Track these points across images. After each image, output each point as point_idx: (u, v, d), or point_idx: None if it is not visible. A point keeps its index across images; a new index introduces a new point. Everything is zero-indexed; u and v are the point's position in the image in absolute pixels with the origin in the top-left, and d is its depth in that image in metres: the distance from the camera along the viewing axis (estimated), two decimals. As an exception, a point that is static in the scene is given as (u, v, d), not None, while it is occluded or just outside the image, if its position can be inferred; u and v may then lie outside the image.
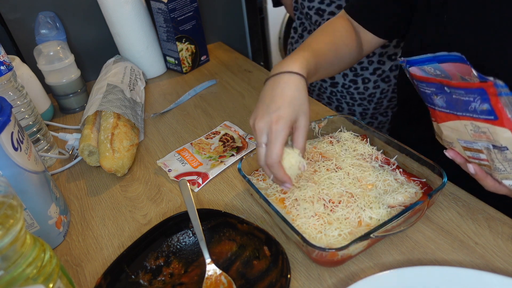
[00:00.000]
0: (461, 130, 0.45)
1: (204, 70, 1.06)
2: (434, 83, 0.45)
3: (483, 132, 0.43)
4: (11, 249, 0.33)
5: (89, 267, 0.54)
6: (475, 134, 0.44)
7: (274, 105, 0.50)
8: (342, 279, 0.48)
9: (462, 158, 0.50)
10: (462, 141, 0.47)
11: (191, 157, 0.71)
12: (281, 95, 0.51)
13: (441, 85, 0.44)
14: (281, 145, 0.49)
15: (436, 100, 0.46)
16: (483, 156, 0.46)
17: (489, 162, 0.46)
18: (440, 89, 0.44)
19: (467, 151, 0.48)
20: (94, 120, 0.75)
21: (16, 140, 0.49)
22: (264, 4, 2.03)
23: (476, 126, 0.43)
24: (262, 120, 0.50)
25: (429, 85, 0.46)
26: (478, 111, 0.41)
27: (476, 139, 0.45)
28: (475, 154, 0.47)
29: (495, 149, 0.43)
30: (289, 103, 0.50)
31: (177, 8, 0.94)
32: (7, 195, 0.34)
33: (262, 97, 0.53)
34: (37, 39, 0.92)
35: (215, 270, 0.49)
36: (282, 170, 0.50)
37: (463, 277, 0.44)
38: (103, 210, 0.63)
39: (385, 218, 0.50)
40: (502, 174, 0.46)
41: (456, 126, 0.46)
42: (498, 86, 0.38)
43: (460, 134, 0.46)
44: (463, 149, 0.48)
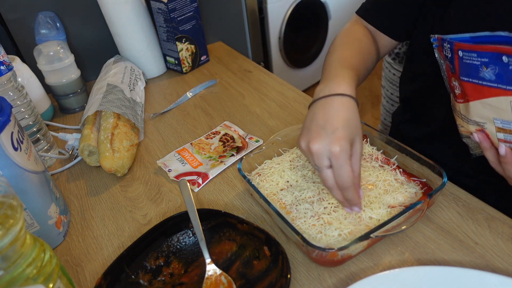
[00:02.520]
0: (504, 107, 0.43)
1: (204, 70, 1.06)
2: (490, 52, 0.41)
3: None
4: (11, 249, 0.33)
5: (89, 267, 0.54)
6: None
7: (330, 126, 0.47)
8: (342, 279, 0.48)
9: (489, 142, 0.48)
10: (499, 120, 0.44)
11: (191, 157, 0.71)
12: (336, 116, 0.48)
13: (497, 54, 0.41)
14: (350, 167, 0.46)
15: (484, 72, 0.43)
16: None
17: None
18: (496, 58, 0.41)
19: (500, 133, 0.45)
20: (94, 120, 0.75)
21: (16, 140, 0.49)
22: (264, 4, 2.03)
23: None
24: (320, 142, 0.47)
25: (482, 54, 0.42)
26: None
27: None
28: (508, 137, 0.45)
29: None
30: (346, 125, 0.48)
31: (177, 8, 0.94)
32: (7, 195, 0.34)
33: (313, 118, 0.50)
34: (37, 39, 0.92)
35: (215, 270, 0.49)
36: (356, 193, 0.48)
37: (463, 277, 0.44)
38: (103, 210, 0.63)
39: (385, 218, 0.50)
40: None
41: (499, 103, 0.43)
42: None
43: (500, 112, 0.44)
44: (496, 130, 0.46)
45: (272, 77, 0.97)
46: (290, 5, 2.16)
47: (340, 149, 0.46)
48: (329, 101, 0.50)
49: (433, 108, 0.68)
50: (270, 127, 0.79)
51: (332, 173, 0.48)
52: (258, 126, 0.79)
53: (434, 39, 0.48)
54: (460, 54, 0.46)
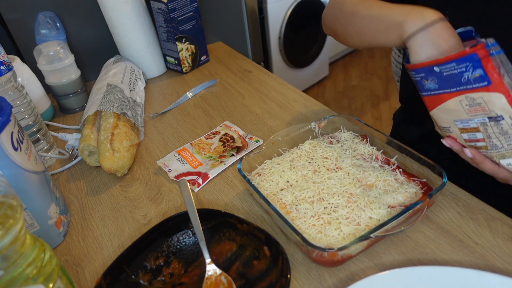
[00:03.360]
0: (457, 108, 0.46)
1: (204, 70, 1.06)
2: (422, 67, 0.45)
3: (478, 103, 0.43)
4: (11, 249, 0.33)
5: (89, 267, 0.54)
6: (470, 109, 0.44)
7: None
8: (342, 279, 0.48)
9: (460, 145, 0.50)
10: (459, 121, 0.47)
11: (191, 157, 0.71)
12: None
13: (429, 68, 0.44)
14: None
15: (427, 84, 0.47)
16: (480, 136, 0.46)
17: (486, 141, 0.46)
18: (429, 71, 0.45)
19: (464, 134, 0.48)
20: (94, 120, 0.75)
21: (16, 140, 0.49)
22: (264, 4, 2.03)
23: (471, 98, 0.43)
24: None
25: (418, 71, 0.46)
26: (471, 80, 0.42)
27: (472, 115, 0.45)
28: (471, 136, 0.47)
29: (491, 121, 0.44)
30: None
31: (177, 8, 0.94)
32: (7, 195, 0.34)
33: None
34: (37, 39, 0.92)
35: (215, 270, 0.49)
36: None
37: (463, 277, 0.44)
38: (103, 210, 0.63)
39: (385, 218, 0.49)
40: (499, 153, 0.46)
41: (452, 106, 0.46)
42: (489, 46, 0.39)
43: (455, 114, 0.47)
44: (459, 131, 0.48)
45: (272, 77, 0.97)
46: (290, 5, 2.17)
47: None
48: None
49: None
50: (270, 127, 0.79)
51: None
52: (258, 126, 0.79)
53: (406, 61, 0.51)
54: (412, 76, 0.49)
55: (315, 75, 2.72)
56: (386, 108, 2.47)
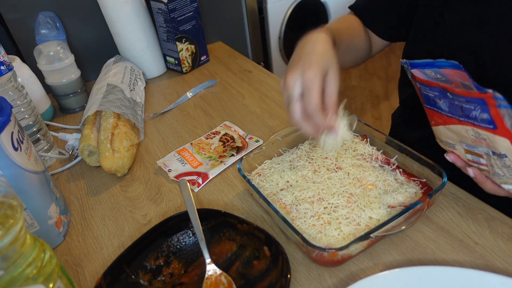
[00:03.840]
0: (463, 134, 0.46)
1: (204, 70, 1.06)
2: (438, 87, 0.45)
3: (483, 138, 0.43)
4: (11, 249, 0.33)
5: (89, 267, 0.54)
6: (475, 139, 0.44)
7: (305, 58, 0.49)
8: (342, 279, 0.48)
9: (463, 161, 0.50)
10: (464, 144, 0.47)
11: (191, 157, 0.71)
12: (311, 51, 0.51)
13: (444, 90, 0.44)
14: (318, 91, 0.47)
15: (439, 103, 0.46)
16: (483, 161, 0.46)
17: (488, 167, 0.46)
18: (443, 94, 0.44)
19: (468, 154, 0.48)
20: (94, 120, 0.75)
21: (16, 140, 0.49)
22: (264, 4, 2.03)
23: (477, 132, 0.43)
24: (294, 72, 0.49)
25: (432, 89, 0.46)
26: (478, 119, 0.42)
27: (477, 144, 0.45)
28: (475, 158, 0.47)
29: (494, 155, 0.44)
30: (320, 57, 0.49)
31: (177, 8, 0.94)
32: (7, 195, 0.34)
33: (293, 57, 0.53)
34: (37, 39, 0.92)
35: (215, 270, 0.49)
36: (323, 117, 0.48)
37: (463, 277, 0.44)
38: (103, 210, 0.63)
39: (385, 218, 0.50)
40: (501, 179, 0.46)
41: (459, 130, 0.46)
42: (497, 99, 0.39)
43: (462, 137, 0.47)
44: (464, 152, 0.48)
45: (272, 77, 0.97)
46: (290, 5, 2.16)
47: (309, 74, 0.47)
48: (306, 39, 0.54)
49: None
50: (270, 127, 0.79)
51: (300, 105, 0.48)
52: (258, 126, 0.79)
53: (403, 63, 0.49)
54: (418, 85, 0.48)
55: (315, 75, 2.72)
56: (386, 108, 2.46)
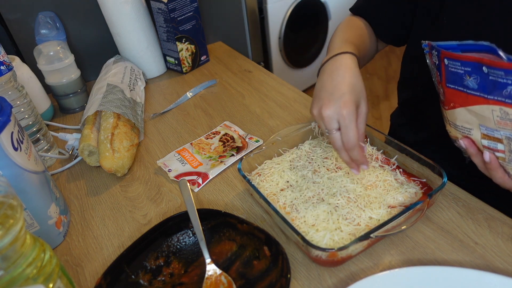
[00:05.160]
0: (486, 115, 0.44)
1: (204, 70, 1.06)
2: (472, 61, 0.43)
3: (511, 119, 0.42)
4: (11, 249, 0.33)
5: (89, 267, 0.54)
6: (500, 121, 0.43)
7: (338, 92, 0.52)
8: (342, 279, 0.48)
9: (475, 148, 0.49)
10: (484, 127, 0.46)
11: (191, 157, 0.71)
12: (342, 82, 0.53)
13: (479, 64, 0.42)
14: (356, 129, 0.51)
15: (467, 81, 0.45)
16: (501, 147, 0.45)
17: (505, 154, 0.45)
18: (477, 68, 0.43)
19: (485, 140, 0.47)
20: (94, 120, 0.75)
21: (16, 140, 0.49)
22: (264, 4, 2.03)
23: (505, 112, 0.42)
24: (330, 107, 0.52)
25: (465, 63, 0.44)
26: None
27: (500, 127, 0.44)
28: (492, 144, 0.46)
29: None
30: (351, 90, 0.52)
31: (177, 8, 0.94)
32: (7, 195, 0.34)
33: (322, 85, 0.55)
34: (37, 39, 0.92)
35: (215, 270, 0.49)
36: (362, 152, 0.53)
37: (463, 277, 0.44)
38: (103, 210, 0.63)
39: (385, 218, 0.50)
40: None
41: (482, 111, 0.45)
42: None
43: (484, 120, 0.45)
44: (481, 137, 0.47)
45: (272, 77, 0.97)
46: (290, 5, 2.16)
47: (347, 111, 0.51)
48: (335, 63, 0.56)
49: (429, 112, 0.68)
50: (270, 127, 0.79)
51: (340, 136, 0.53)
52: (258, 126, 0.79)
53: (425, 45, 0.49)
54: (446, 62, 0.47)
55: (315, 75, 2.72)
56: (386, 108, 2.47)
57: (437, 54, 0.48)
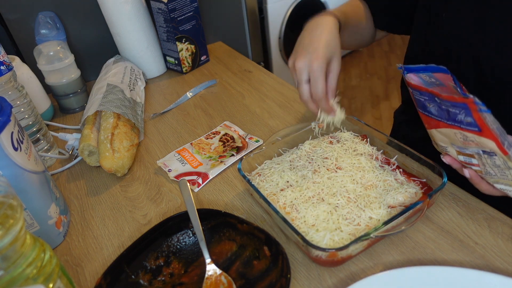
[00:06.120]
0: (453, 137, 0.47)
1: (204, 70, 1.06)
2: (427, 92, 0.46)
3: (471, 140, 0.45)
4: (11, 249, 0.33)
5: (89, 267, 0.54)
6: (464, 141, 0.46)
7: (312, 46, 0.56)
8: (342, 279, 0.48)
9: (458, 163, 0.51)
10: (455, 146, 0.48)
11: (191, 157, 0.71)
12: (318, 38, 0.57)
13: (432, 95, 0.46)
14: (323, 81, 0.55)
15: (429, 108, 0.48)
16: (475, 161, 0.47)
17: (480, 167, 0.47)
18: (432, 98, 0.46)
19: (460, 156, 0.49)
20: (94, 120, 0.75)
21: (16, 140, 0.49)
22: (264, 4, 2.03)
23: (464, 135, 0.45)
24: (302, 59, 0.56)
25: (423, 94, 0.48)
26: (464, 123, 0.44)
27: (467, 146, 0.46)
28: (467, 159, 0.48)
29: (485, 154, 0.45)
30: (325, 45, 0.56)
31: (177, 8, 0.94)
32: (7, 195, 0.34)
33: (301, 40, 0.59)
34: (37, 39, 0.92)
35: (215, 270, 0.49)
36: (328, 102, 0.57)
37: (463, 277, 0.44)
38: (103, 210, 0.63)
39: (385, 218, 0.50)
40: (493, 179, 0.47)
41: (448, 133, 0.47)
42: (477, 104, 0.41)
43: (453, 140, 0.48)
44: (456, 153, 0.49)
45: (272, 77, 0.97)
46: (290, 5, 2.16)
47: (317, 64, 0.54)
48: (315, 22, 0.60)
49: None
50: (270, 127, 0.79)
51: (308, 88, 0.57)
52: (258, 126, 0.79)
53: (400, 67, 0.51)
54: (410, 90, 0.50)
55: (315, 75, 2.72)
56: (386, 108, 2.46)
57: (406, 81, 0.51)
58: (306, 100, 0.58)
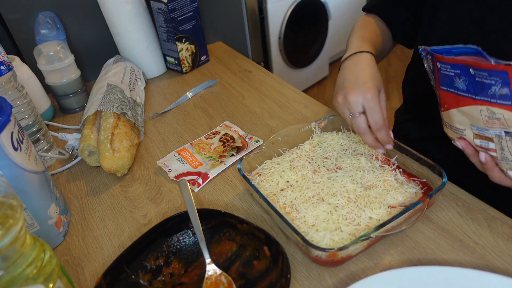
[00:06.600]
0: (476, 116, 0.46)
1: (204, 70, 1.06)
2: (460, 64, 0.46)
3: (498, 118, 0.44)
4: (11, 249, 0.33)
5: (89, 267, 0.54)
6: (488, 120, 0.45)
7: (360, 80, 0.56)
8: (342, 279, 0.48)
9: (472, 148, 0.50)
10: (475, 127, 0.48)
11: (191, 157, 0.71)
12: (363, 73, 0.57)
13: (466, 67, 0.45)
14: (381, 109, 0.55)
15: (457, 83, 0.47)
16: (492, 146, 0.47)
17: (497, 152, 0.46)
18: (465, 70, 0.45)
19: (477, 139, 0.48)
20: (94, 120, 0.75)
21: (16, 140, 0.49)
22: (264, 4, 2.03)
23: (492, 112, 0.44)
24: (354, 92, 0.56)
25: (455, 66, 0.47)
26: (497, 95, 0.42)
27: (489, 126, 0.45)
28: (484, 143, 0.48)
29: (507, 135, 0.44)
30: (372, 78, 0.57)
31: (177, 8, 0.94)
32: (7, 195, 0.34)
33: (344, 77, 0.59)
34: (37, 39, 0.92)
35: (215, 270, 0.49)
36: (388, 132, 0.56)
37: (463, 277, 0.44)
38: (103, 210, 0.63)
39: (385, 218, 0.50)
40: (509, 164, 0.46)
41: (472, 111, 0.46)
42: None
43: (474, 120, 0.47)
44: (473, 136, 0.49)
45: (272, 77, 0.97)
46: (290, 5, 2.17)
47: (371, 94, 0.55)
48: (355, 59, 0.60)
49: (433, 110, 0.69)
50: (270, 127, 0.79)
51: (365, 119, 0.56)
52: (258, 126, 0.79)
53: (421, 50, 0.51)
54: (439, 65, 0.49)
55: (315, 75, 2.72)
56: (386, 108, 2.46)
57: (431, 58, 0.50)
58: (364, 132, 0.56)
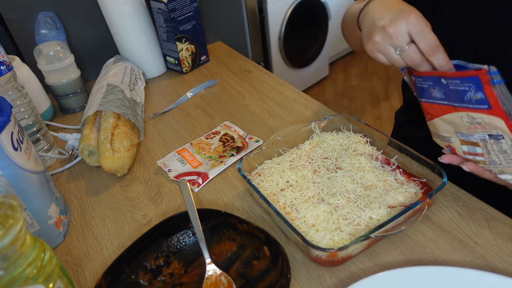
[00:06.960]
0: (458, 122, 0.46)
1: (204, 70, 1.06)
2: (431, 76, 0.46)
3: (478, 123, 0.44)
4: (11, 249, 0.33)
5: (89, 267, 0.54)
6: (470, 126, 0.45)
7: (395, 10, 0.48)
8: (342, 279, 0.48)
9: (459, 158, 0.51)
10: (460, 134, 0.48)
11: (191, 157, 0.71)
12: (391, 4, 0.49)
13: (437, 78, 0.45)
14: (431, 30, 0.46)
15: (434, 93, 0.47)
16: (479, 150, 0.47)
17: (484, 157, 0.47)
18: (437, 81, 0.45)
19: (464, 146, 0.49)
20: (94, 120, 0.75)
21: (16, 140, 0.49)
22: (264, 4, 2.03)
23: (472, 117, 0.44)
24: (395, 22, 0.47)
25: (426, 79, 0.47)
26: (473, 101, 0.43)
27: (472, 131, 0.46)
28: (471, 149, 0.48)
29: (491, 139, 0.44)
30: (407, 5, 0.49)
31: (177, 8, 0.94)
32: (7, 195, 0.34)
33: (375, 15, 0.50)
34: (37, 39, 0.92)
35: (215, 270, 0.49)
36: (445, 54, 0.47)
37: (463, 277, 0.44)
38: (103, 210, 0.63)
39: (385, 218, 0.50)
40: (497, 168, 0.47)
41: (453, 119, 0.47)
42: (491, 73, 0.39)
43: (457, 127, 0.47)
44: (460, 143, 0.49)
45: (272, 77, 0.97)
46: (290, 5, 2.17)
47: (415, 16, 0.46)
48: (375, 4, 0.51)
49: None
50: (270, 127, 0.79)
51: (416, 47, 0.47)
52: (258, 126, 0.79)
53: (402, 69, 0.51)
54: (413, 78, 0.50)
55: (315, 75, 2.72)
56: (386, 108, 2.47)
57: (407, 71, 0.51)
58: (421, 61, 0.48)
